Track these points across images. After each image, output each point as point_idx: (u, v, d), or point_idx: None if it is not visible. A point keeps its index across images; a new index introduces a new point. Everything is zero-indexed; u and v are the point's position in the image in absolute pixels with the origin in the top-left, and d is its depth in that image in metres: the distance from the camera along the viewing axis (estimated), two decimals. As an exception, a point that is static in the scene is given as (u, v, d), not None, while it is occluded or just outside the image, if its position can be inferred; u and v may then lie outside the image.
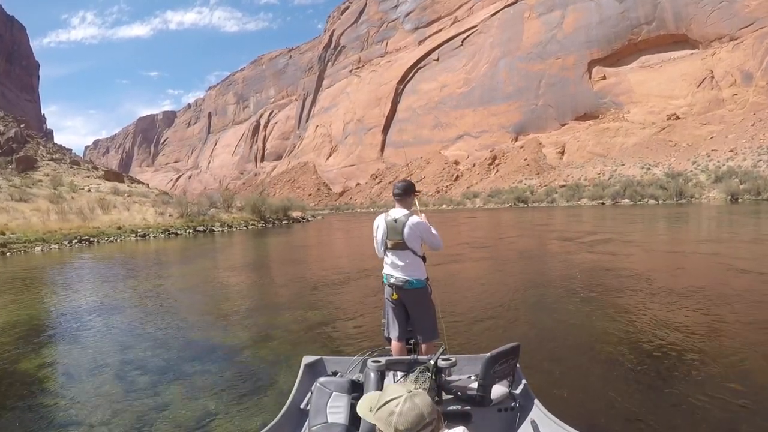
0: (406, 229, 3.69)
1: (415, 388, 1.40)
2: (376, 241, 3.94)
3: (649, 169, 76.94)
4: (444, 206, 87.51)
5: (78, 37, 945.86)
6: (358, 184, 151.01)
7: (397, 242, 3.72)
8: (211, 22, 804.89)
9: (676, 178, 63.49)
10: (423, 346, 3.78)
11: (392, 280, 3.79)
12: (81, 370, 5.09)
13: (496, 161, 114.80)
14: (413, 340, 3.92)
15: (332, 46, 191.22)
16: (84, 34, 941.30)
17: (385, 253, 3.87)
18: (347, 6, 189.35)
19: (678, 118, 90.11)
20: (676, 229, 21.77)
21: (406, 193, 3.84)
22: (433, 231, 3.85)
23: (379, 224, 3.86)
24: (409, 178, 4.07)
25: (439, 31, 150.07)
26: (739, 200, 48.20)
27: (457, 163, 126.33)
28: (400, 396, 1.47)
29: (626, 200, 60.57)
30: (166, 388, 4.47)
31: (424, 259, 3.85)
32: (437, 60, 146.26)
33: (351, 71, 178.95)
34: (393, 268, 3.81)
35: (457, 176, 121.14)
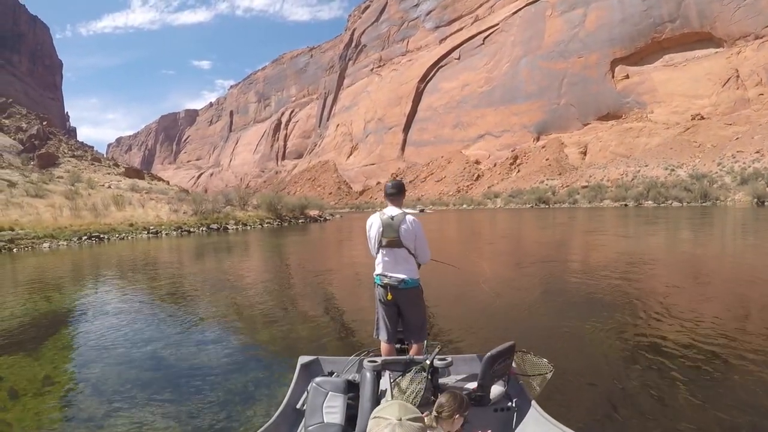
0: (402, 226, 3.67)
1: (411, 389, 1.77)
2: (369, 240, 3.90)
3: (673, 170, 75.73)
4: (465, 206, 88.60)
5: (137, 22, 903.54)
6: (378, 183, 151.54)
7: (393, 239, 3.68)
8: (281, 9, 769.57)
9: (701, 180, 62.49)
10: (413, 348, 3.74)
11: (386, 280, 3.74)
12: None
13: (518, 161, 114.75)
14: (403, 343, 3.94)
15: (353, 44, 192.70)
16: (143, 18, 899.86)
17: (378, 251, 3.81)
18: (368, 5, 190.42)
19: (702, 118, 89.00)
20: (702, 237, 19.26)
21: (400, 191, 3.84)
22: (424, 240, 3.86)
23: (373, 222, 3.83)
24: (399, 178, 4.23)
25: (460, 29, 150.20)
26: (766, 203, 47.03)
27: (478, 162, 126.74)
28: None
29: (650, 202, 59.69)
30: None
31: (418, 264, 3.86)
32: (458, 59, 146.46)
33: (372, 70, 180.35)
34: (387, 267, 3.77)
35: (478, 176, 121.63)
